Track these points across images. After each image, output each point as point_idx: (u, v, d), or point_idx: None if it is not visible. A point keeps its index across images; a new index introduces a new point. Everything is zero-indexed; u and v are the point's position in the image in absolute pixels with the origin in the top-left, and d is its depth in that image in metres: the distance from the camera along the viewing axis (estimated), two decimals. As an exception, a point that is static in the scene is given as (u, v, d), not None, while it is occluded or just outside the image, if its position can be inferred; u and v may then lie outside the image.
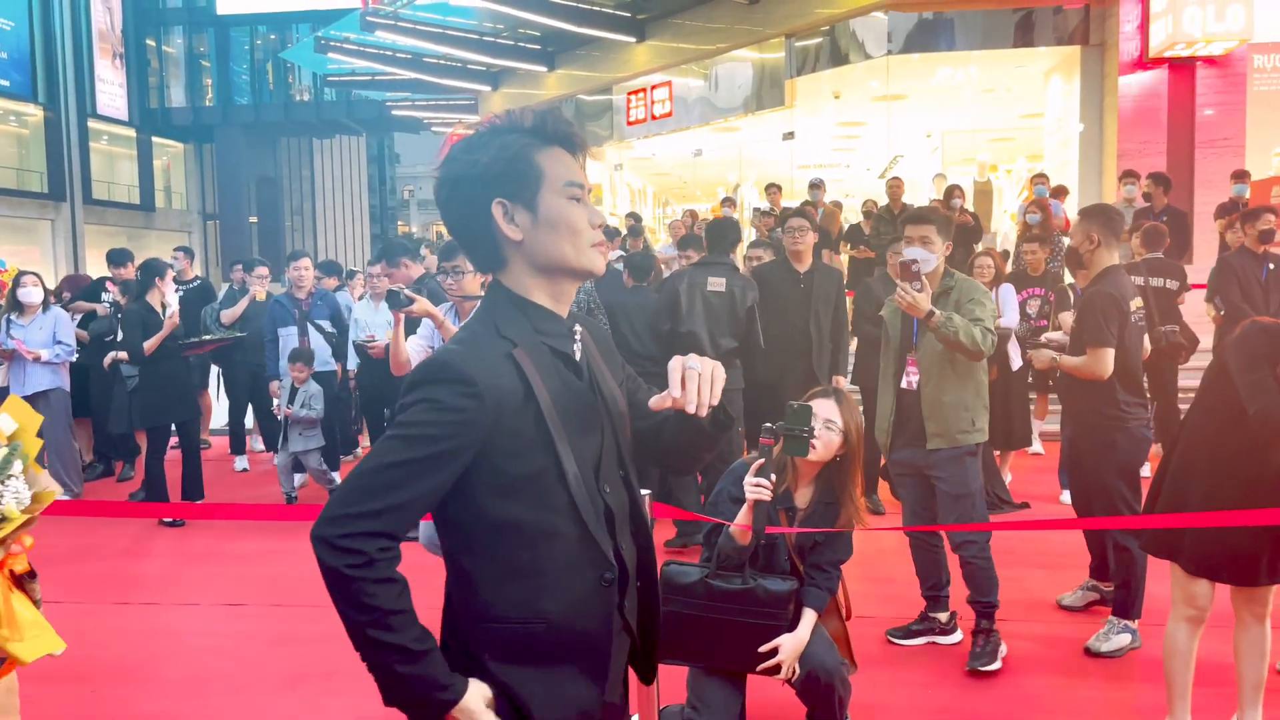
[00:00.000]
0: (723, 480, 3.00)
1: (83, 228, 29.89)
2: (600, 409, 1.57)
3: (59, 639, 2.37)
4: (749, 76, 13.53)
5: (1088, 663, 3.81)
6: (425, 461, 1.39)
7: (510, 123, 1.53)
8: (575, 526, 1.49)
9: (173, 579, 5.28)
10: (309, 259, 7.16)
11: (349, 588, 1.36)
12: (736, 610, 2.77)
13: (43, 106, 28.93)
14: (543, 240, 1.50)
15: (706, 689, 2.86)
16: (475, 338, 1.49)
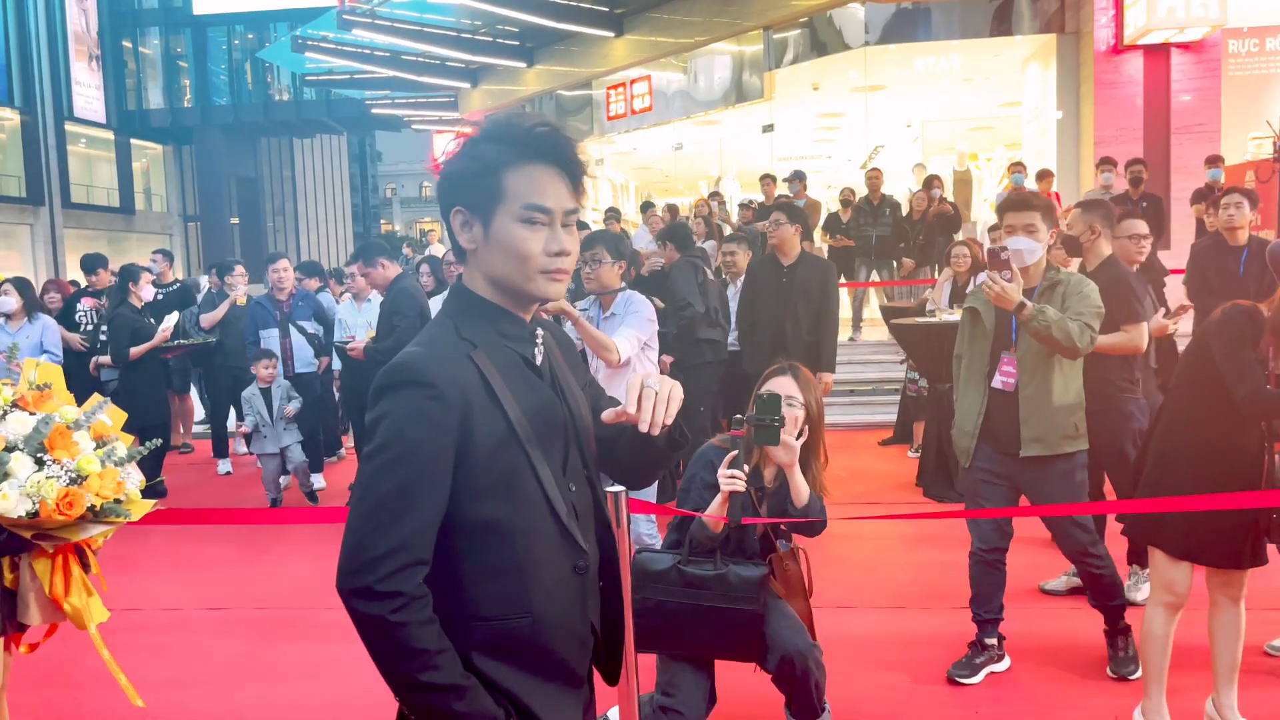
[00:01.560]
0: (692, 465, 3.03)
1: (62, 232, 29.67)
2: (563, 410, 1.58)
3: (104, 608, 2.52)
4: (728, 69, 13.54)
5: (1083, 651, 3.85)
6: (418, 479, 1.40)
7: (501, 130, 1.49)
8: (550, 522, 1.51)
9: (155, 584, 5.26)
10: (288, 260, 7.13)
11: (395, 635, 1.36)
12: (709, 595, 2.80)
13: (19, 110, 28.68)
14: (491, 258, 1.50)
15: (676, 675, 2.89)
16: (435, 340, 1.49)
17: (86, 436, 2.32)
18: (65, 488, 2.21)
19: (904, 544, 5.48)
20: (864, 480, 6.77)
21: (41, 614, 2.43)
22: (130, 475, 2.36)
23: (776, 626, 2.88)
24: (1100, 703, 3.41)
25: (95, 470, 2.26)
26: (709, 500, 2.85)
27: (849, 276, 10.32)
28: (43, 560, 2.35)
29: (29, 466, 2.20)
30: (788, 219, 5.72)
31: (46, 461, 2.22)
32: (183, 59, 33.68)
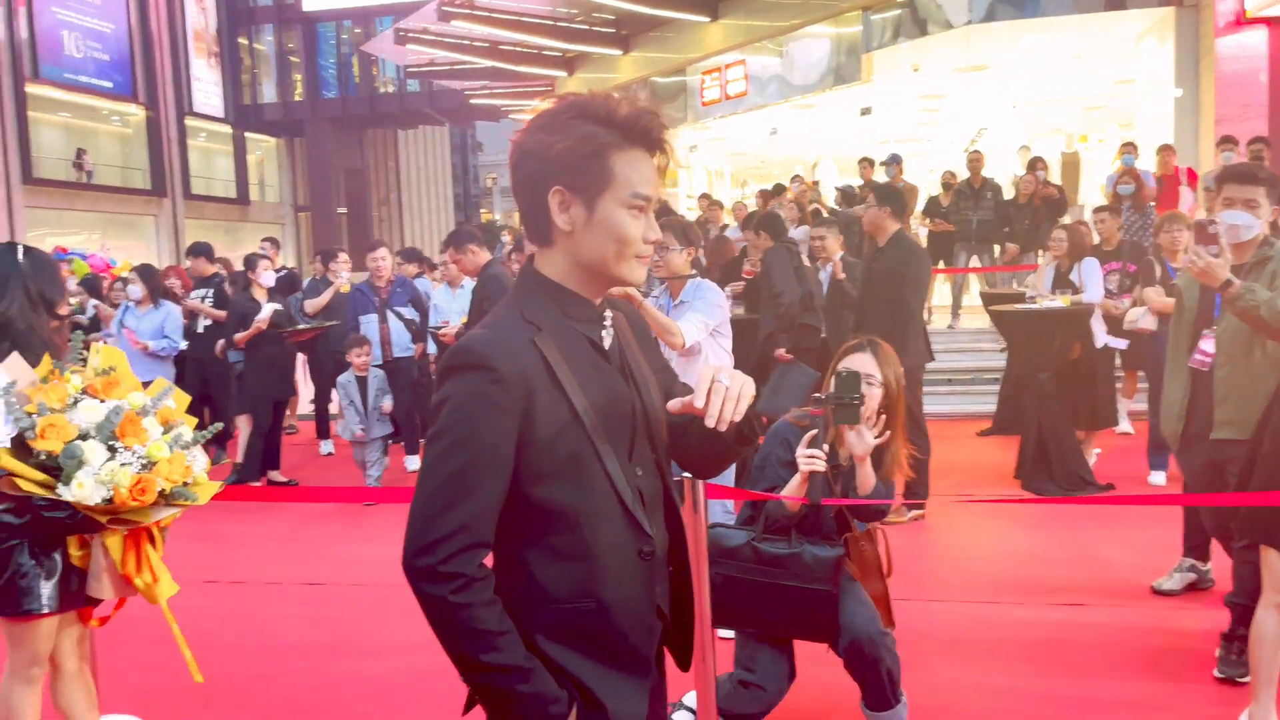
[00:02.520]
0: (768, 442, 2.99)
1: (183, 222, 31.09)
2: (630, 395, 1.56)
3: (173, 582, 2.64)
4: (824, 52, 13.30)
5: (1189, 653, 3.69)
6: (479, 462, 1.41)
7: (603, 112, 1.46)
8: (615, 507, 1.50)
9: (257, 558, 5.49)
10: (386, 248, 7.34)
11: (457, 615, 1.39)
12: (783, 574, 2.78)
13: (144, 106, 30.12)
14: (591, 240, 1.47)
15: (755, 651, 2.89)
16: (500, 323, 1.49)
17: (154, 422, 2.41)
18: (137, 474, 2.30)
19: (1000, 536, 5.33)
20: (960, 472, 6.61)
21: (113, 589, 2.56)
22: (196, 458, 2.45)
23: (849, 610, 2.84)
24: (1202, 706, 3.26)
25: (164, 456, 2.35)
26: (784, 477, 2.82)
27: (948, 262, 10.06)
28: (114, 538, 2.46)
29: (102, 454, 2.29)
30: (877, 201, 5.62)
31: (118, 449, 2.31)
32: (294, 54, 34.80)
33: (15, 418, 2.28)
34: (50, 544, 2.55)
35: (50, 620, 2.63)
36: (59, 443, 2.26)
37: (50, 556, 2.55)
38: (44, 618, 2.60)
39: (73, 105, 28.19)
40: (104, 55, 28.55)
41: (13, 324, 2.66)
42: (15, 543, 2.54)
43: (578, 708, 1.48)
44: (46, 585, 2.55)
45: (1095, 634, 3.87)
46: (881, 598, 2.99)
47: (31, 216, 25.85)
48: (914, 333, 5.53)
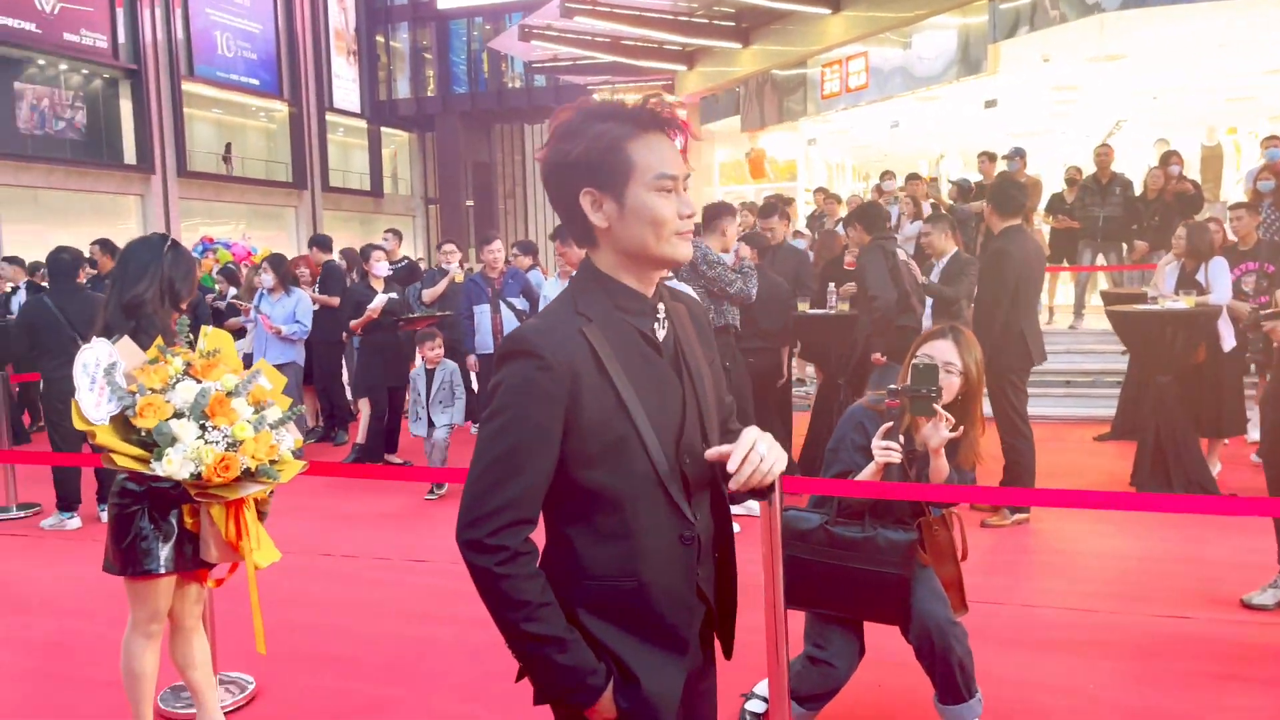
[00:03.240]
0: (842, 425, 3.00)
1: (322, 213, 32.59)
2: (680, 385, 1.62)
3: (276, 550, 2.85)
4: (949, 44, 12.95)
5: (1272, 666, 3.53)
6: (527, 443, 1.49)
7: (609, 109, 1.54)
8: (658, 492, 1.56)
9: (368, 535, 5.79)
10: (499, 241, 7.58)
11: (499, 585, 1.48)
12: (856, 558, 2.80)
13: (287, 102, 31.69)
14: (628, 230, 1.54)
15: (826, 629, 2.93)
16: (552, 314, 1.57)
17: (244, 403, 2.59)
18: (222, 453, 2.48)
19: (1106, 541, 5.15)
20: (1073, 476, 6.41)
21: (219, 553, 2.78)
22: (284, 438, 2.62)
23: (920, 598, 2.84)
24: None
25: (249, 436, 2.53)
26: (858, 462, 2.83)
27: (1072, 260, 9.69)
28: (218, 507, 2.68)
29: (194, 432, 2.50)
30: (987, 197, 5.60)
31: (208, 427, 2.52)
32: (427, 51, 35.93)
33: (119, 397, 2.51)
34: (166, 510, 2.80)
35: (167, 580, 2.88)
36: (155, 420, 2.48)
37: (167, 521, 2.80)
38: (161, 577, 2.85)
39: (224, 102, 29.90)
40: (252, 54, 30.16)
41: (144, 307, 2.91)
42: (136, 509, 2.80)
43: (614, 680, 1.56)
44: (164, 548, 2.80)
45: (1194, 646, 3.73)
46: (954, 582, 2.98)
47: (185, 207, 27.56)
48: (1010, 333, 5.42)
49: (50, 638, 4.27)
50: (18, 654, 4.11)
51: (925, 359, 2.76)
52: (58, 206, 24.38)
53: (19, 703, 3.63)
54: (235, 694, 3.59)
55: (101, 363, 2.55)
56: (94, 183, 25.15)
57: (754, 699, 3.21)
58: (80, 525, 6.11)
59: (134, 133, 26.20)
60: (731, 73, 16.63)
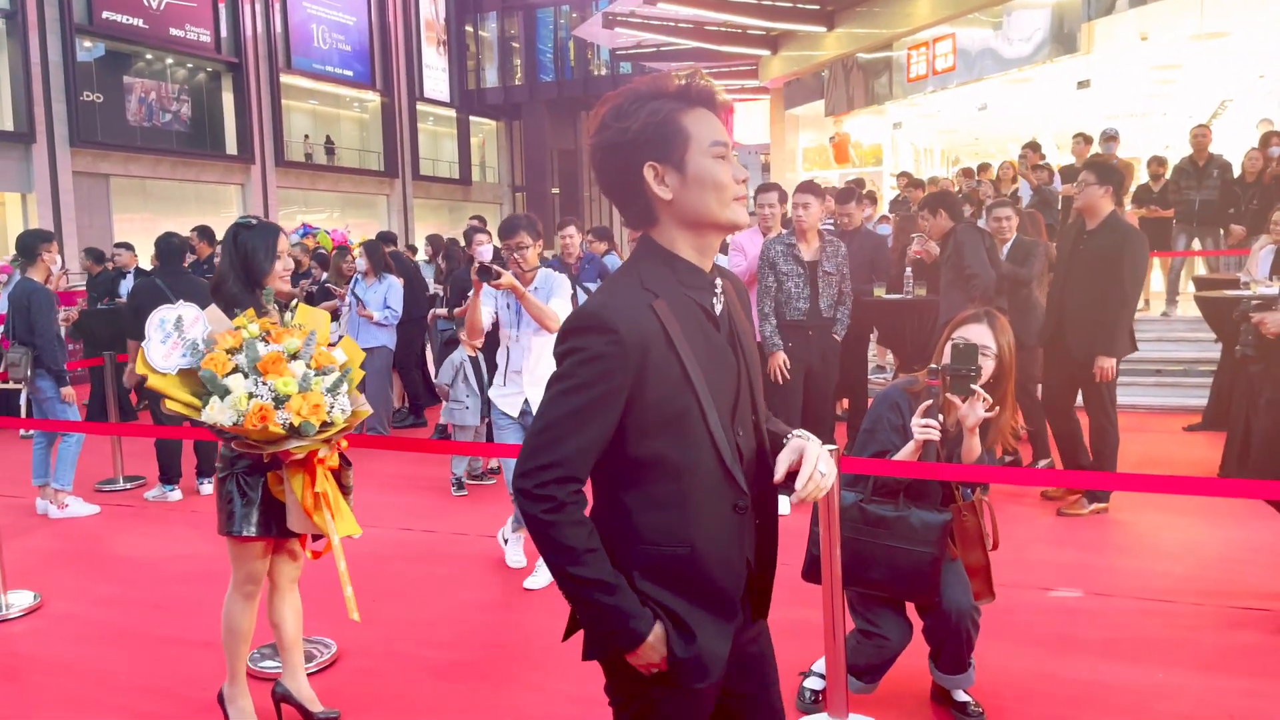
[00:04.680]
0: (878, 405, 3.04)
1: (412, 201, 33.37)
2: (737, 360, 1.70)
3: (357, 525, 2.98)
4: (1039, 23, 12.59)
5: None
6: (588, 409, 1.56)
7: (656, 88, 1.61)
8: (715, 463, 1.63)
9: (445, 511, 5.99)
10: (574, 227, 7.70)
11: (547, 532, 1.56)
12: (890, 535, 2.86)
13: (379, 92, 32.49)
14: (691, 198, 1.60)
15: (874, 606, 2.99)
16: (620, 289, 1.62)
17: (302, 365, 2.73)
18: (261, 403, 2.62)
19: (1188, 534, 5.02)
20: (1159, 467, 6.24)
21: (301, 523, 2.93)
22: (338, 402, 2.74)
23: (945, 581, 2.89)
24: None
25: (294, 392, 2.66)
26: (895, 442, 2.89)
27: (1165, 246, 9.38)
28: (297, 477, 2.83)
29: (244, 386, 2.65)
30: (1096, 179, 5.21)
31: (259, 383, 2.66)
32: (515, 40, 36.38)
33: (192, 352, 2.71)
34: (253, 477, 2.98)
35: (259, 544, 3.07)
36: (216, 373, 2.66)
37: (254, 488, 2.98)
38: (250, 541, 3.03)
39: (319, 93, 30.81)
40: (346, 46, 31.00)
41: (223, 285, 3.10)
42: (227, 474, 2.99)
43: (669, 631, 1.63)
44: (249, 512, 2.98)
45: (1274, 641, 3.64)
46: (981, 568, 3.02)
47: (283, 196, 28.53)
48: (1126, 323, 5.24)
49: (152, 600, 4.55)
50: (124, 614, 4.39)
51: (962, 340, 2.79)
52: (164, 195, 25.51)
53: (124, 659, 3.89)
54: (319, 655, 3.78)
55: (184, 320, 2.75)
56: (198, 172, 26.23)
57: (812, 676, 3.26)
58: (181, 497, 6.47)
59: (235, 124, 27.22)
60: (816, 56, 16.46)
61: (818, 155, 18.61)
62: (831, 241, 5.81)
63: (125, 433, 6.58)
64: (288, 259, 3.17)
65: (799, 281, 5.67)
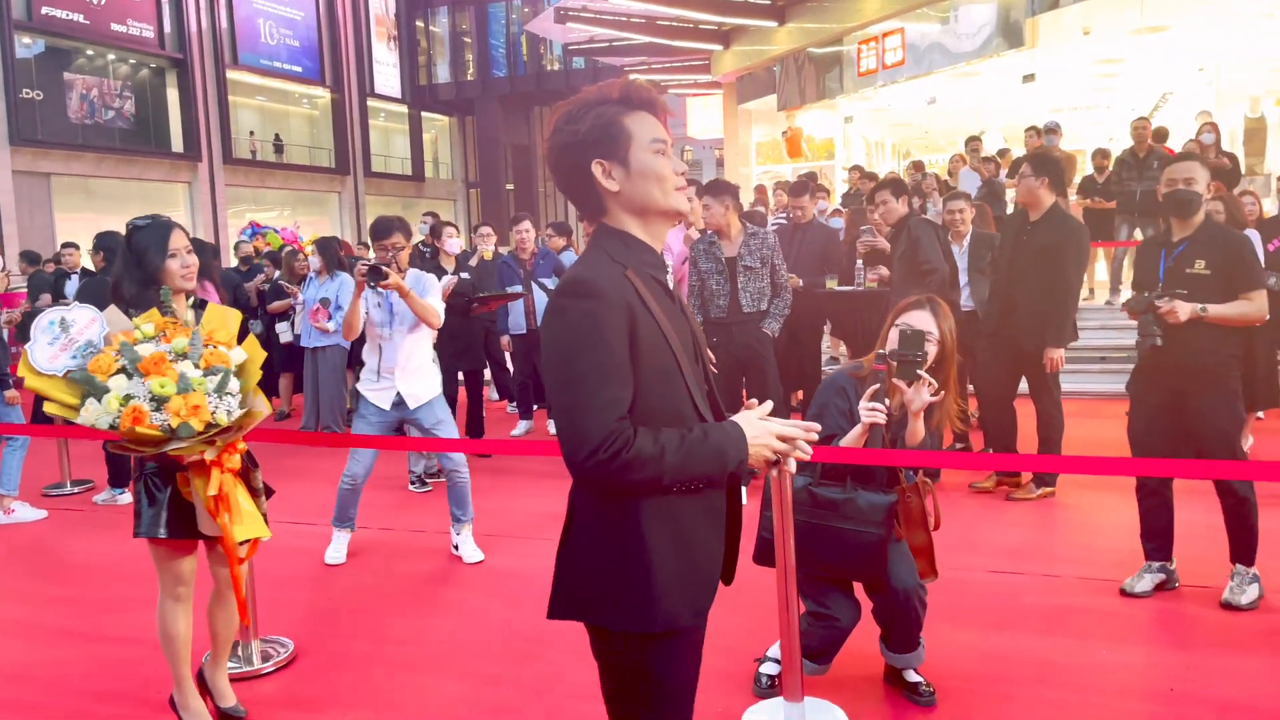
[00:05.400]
0: (824, 391, 3.12)
1: (364, 198, 33.01)
2: (689, 329, 1.84)
3: (266, 528, 2.94)
4: (986, 17, 12.81)
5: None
6: (602, 367, 1.63)
7: (601, 95, 1.77)
8: (691, 409, 1.76)
9: (401, 508, 5.97)
10: (529, 222, 7.69)
11: (624, 471, 1.61)
12: (838, 517, 2.94)
13: (329, 88, 32.09)
14: (636, 189, 1.75)
15: (823, 588, 3.06)
16: (594, 262, 1.73)
17: (191, 366, 2.68)
18: (134, 405, 2.58)
19: (1132, 514, 5.16)
20: (1102, 450, 6.38)
21: (209, 525, 2.90)
22: (224, 404, 2.68)
23: (891, 562, 2.98)
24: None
25: (172, 393, 2.61)
26: (843, 426, 2.97)
27: (1108, 236, 9.59)
28: (199, 479, 2.81)
29: (125, 387, 2.61)
30: (1033, 171, 5.33)
31: (138, 382, 2.62)
32: (467, 35, 36.12)
33: (82, 354, 2.68)
34: (161, 479, 2.95)
35: (174, 546, 3.01)
36: (100, 375, 2.62)
37: (161, 490, 2.95)
38: (164, 543, 2.99)
39: (267, 89, 30.35)
40: (294, 41, 30.57)
41: (120, 286, 3.02)
42: (138, 476, 2.98)
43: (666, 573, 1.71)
44: (157, 514, 2.95)
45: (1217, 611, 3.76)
46: (925, 548, 3.12)
47: (232, 194, 28.09)
48: (1071, 312, 5.40)
49: (104, 603, 4.49)
50: (76, 617, 4.33)
51: (907, 326, 2.87)
52: (108, 194, 24.99)
53: (77, 662, 3.84)
54: (276, 655, 3.76)
55: (77, 321, 2.72)
56: (143, 170, 25.73)
57: (767, 661, 3.31)
58: (131, 500, 6.36)
59: (181, 121, 26.73)
60: (768, 51, 16.58)
61: (771, 149, 18.75)
62: (755, 234, 5.69)
63: (72, 435, 6.45)
64: (186, 256, 3.03)
65: (719, 279, 5.64)
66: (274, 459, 6.82)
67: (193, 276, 3.07)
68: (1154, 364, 3.90)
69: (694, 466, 1.66)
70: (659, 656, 1.74)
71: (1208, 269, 3.77)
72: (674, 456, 1.63)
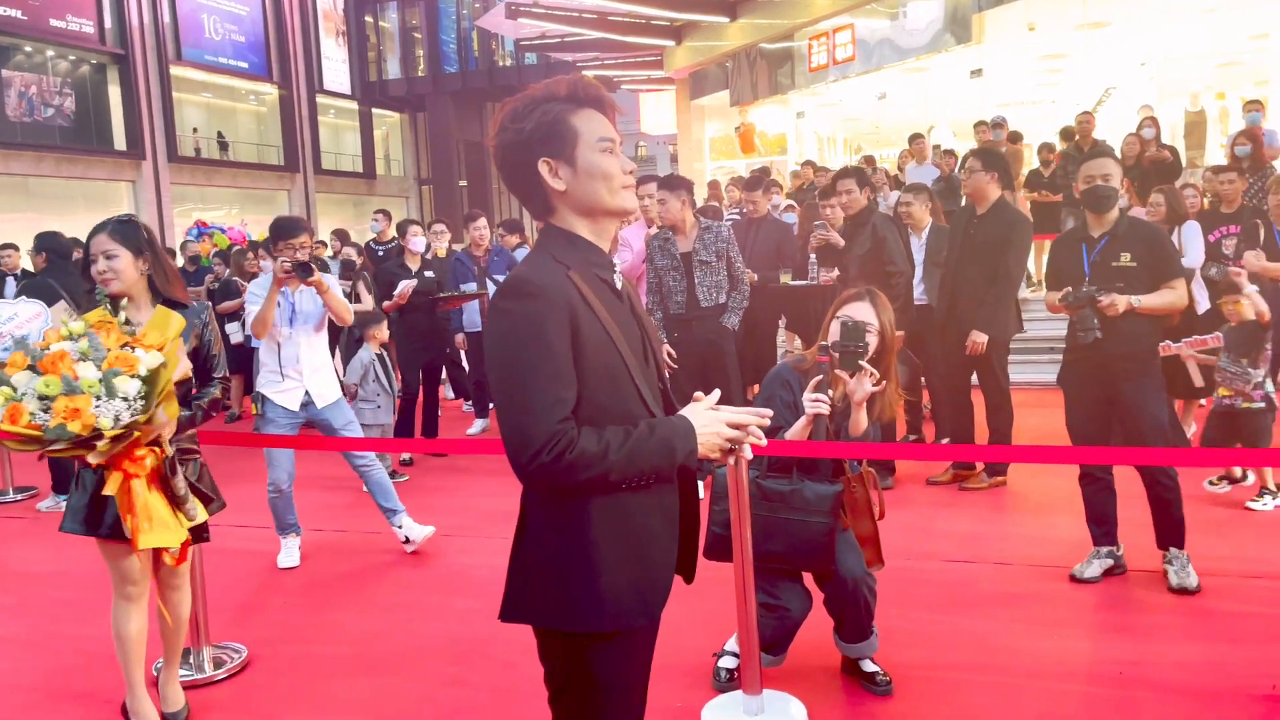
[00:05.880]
0: (769, 385, 3.15)
1: (314, 196, 32.56)
2: (641, 330, 1.81)
3: (178, 537, 2.88)
4: (934, 13, 12.97)
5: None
6: (542, 365, 1.61)
7: (548, 92, 1.74)
8: (642, 409, 1.73)
9: (356, 510, 5.90)
10: (484, 219, 7.64)
11: (569, 472, 1.59)
12: (785, 508, 2.97)
13: (277, 84, 31.60)
14: (583, 187, 1.73)
15: (774, 579, 3.08)
16: (536, 263, 1.72)
17: (92, 366, 2.61)
18: (14, 403, 2.54)
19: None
20: (1051, 440, 6.48)
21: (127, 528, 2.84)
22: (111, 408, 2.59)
23: (839, 552, 3.02)
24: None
25: (56, 393, 2.55)
26: (789, 419, 3.00)
27: (1055, 229, 9.75)
28: (111, 480, 2.75)
29: (23, 384, 2.57)
30: (982, 166, 5.44)
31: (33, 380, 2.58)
32: (417, 31, 35.77)
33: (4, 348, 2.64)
34: (88, 474, 2.94)
35: (115, 544, 2.96)
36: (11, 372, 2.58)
37: (87, 485, 2.95)
38: (105, 541, 2.96)
39: (213, 86, 29.81)
40: (240, 37, 30.05)
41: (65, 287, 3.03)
42: (77, 473, 2.98)
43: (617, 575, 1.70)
44: (78, 508, 2.96)
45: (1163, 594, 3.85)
46: (870, 538, 3.16)
47: (178, 193, 27.55)
48: (1010, 303, 5.52)
49: (50, 610, 4.38)
50: (27, 624, 4.22)
51: (849, 319, 2.90)
52: (49, 194, 24.39)
53: (33, 668, 3.74)
54: (229, 661, 3.69)
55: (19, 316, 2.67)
56: (85, 169, 25.14)
57: (725, 655, 3.32)
58: (77, 506, 6.21)
59: (123, 119, 26.15)
60: (719, 47, 16.63)
61: (724, 145, 18.82)
62: (709, 228, 5.65)
63: (14, 441, 6.29)
64: (103, 261, 3.04)
65: (675, 275, 5.62)
66: (225, 462, 6.71)
67: (113, 279, 3.04)
68: (1086, 357, 3.97)
69: (641, 462, 1.64)
70: (608, 657, 1.73)
71: (1133, 261, 3.85)
72: (619, 454, 1.61)
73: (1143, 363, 3.94)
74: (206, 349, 3.25)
